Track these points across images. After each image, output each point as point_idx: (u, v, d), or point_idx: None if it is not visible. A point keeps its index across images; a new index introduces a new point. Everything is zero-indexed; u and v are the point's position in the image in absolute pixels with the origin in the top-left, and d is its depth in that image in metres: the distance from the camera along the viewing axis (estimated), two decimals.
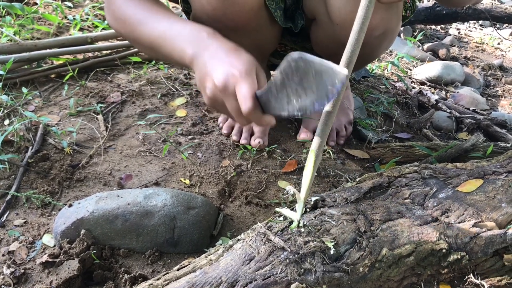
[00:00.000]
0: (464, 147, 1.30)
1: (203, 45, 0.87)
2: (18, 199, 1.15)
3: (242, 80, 0.78)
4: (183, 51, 0.89)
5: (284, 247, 0.77)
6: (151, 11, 0.99)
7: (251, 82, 0.78)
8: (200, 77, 0.85)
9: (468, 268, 0.85)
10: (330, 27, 1.10)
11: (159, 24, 0.96)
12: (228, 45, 0.87)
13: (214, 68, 0.81)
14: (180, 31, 0.92)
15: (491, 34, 3.19)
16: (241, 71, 0.79)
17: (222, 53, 0.84)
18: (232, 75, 0.79)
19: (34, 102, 1.52)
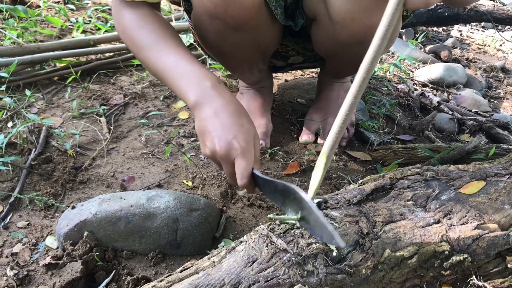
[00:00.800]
0: (466, 149, 1.30)
1: (207, 96, 0.91)
2: (21, 201, 1.15)
3: (242, 156, 0.85)
4: (186, 95, 0.93)
5: (287, 249, 0.77)
6: (161, 37, 1.00)
7: (250, 160, 0.86)
8: (200, 131, 0.91)
9: (470, 270, 0.85)
10: (330, 27, 1.10)
11: (167, 56, 0.98)
12: (233, 106, 0.91)
13: (217, 133, 0.87)
14: (186, 73, 0.94)
15: (493, 36, 3.19)
16: (243, 147, 0.86)
17: (227, 117, 0.89)
18: (234, 149, 0.86)
19: (37, 104, 1.52)
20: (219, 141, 0.86)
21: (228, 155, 0.86)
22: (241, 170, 0.85)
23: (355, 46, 1.14)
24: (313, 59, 1.47)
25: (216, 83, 0.93)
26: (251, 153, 0.86)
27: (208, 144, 0.88)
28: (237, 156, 0.85)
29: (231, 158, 0.86)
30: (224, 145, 0.86)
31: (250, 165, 0.85)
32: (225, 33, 1.12)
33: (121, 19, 1.04)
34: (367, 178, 1.00)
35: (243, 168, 0.85)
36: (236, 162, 0.86)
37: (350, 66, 1.38)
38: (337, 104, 1.46)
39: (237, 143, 0.85)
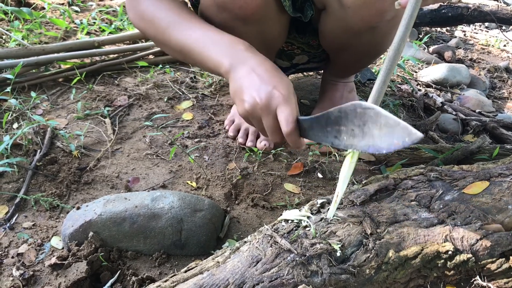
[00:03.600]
0: (470, 149, 1.30)
1: (241, 58, 0.90)
2: (27, 202, 1.16)
3: (285, 103, 0.82)
4: (219, 61, 0.91)
5: (291, 249, 0.77)
6: (183, 15, 1.00)
7: (293, 107, 0.83)
8: (237, 89, 0.88)
9: (474, 270, 0.85)
10: (340, 13, 1.10)
11: (193, 30, 0.97)
12: (268, 63, 0.89)
13: (256, 85, 0.85)
14: (216, 41, 0.94)
15: (497, 36, 3.18)
16: (284, 94, 0.83)
17: (264, 71, 0.87)
18: (275, 96, 0.83)
19: (42, 105, 1.53)
20: (258, 93, 0.84)
21: (270, 105, 0.83)
22: (286, 116, 0.81)
23: (365, 33, 1.15)
24: (318, 59, 1.47)
25: (248, 46, 0.92)
26: (294, 101, 0.84)
27: (247, 98, 0.85)
28: (279, 103, 0.82)
29: (273, 107, 0.83)
30: (264, 95, 0.83)
31: (294, 111, 0.82)
32: (232, 26, 1.12)
33: (138, 6, 1.04)
34: (371, 179, 1.00)
35: (288, 113, 0.81)
36: (279, 109, 0.82)
37: (358, 61, 1.38)
38: (341, 104, 1.46)
39: (278, 92, 0.83)
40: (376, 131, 0.69)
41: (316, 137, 0.82)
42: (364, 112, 0.70)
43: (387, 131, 0.67)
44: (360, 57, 1.33)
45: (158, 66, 1.83)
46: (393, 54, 0.77)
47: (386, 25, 1.13)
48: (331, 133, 0.77)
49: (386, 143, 0.68)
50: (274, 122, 0.84)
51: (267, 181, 1.26)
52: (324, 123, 0.78)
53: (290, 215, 0.86)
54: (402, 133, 0.65)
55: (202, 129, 1.47)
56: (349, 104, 0.72)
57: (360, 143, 0.72)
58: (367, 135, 0.71)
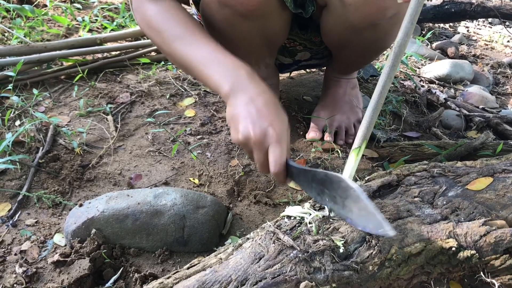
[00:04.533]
0: (473, 145, 1.29)
1: (242, 84, 0.89)
2: (30, 199, 1.16)
3: (277, 144, 0.83)
4: (220, 83, 0.91)
5: (294, 246, 0.77)
6: (190, 30, 1.00)
7: (285, 148, 0.83)
8: (233, 117, 0.88)
9: (478, 267, 0.85)
10: (342, 10, 1.10)
11: (198, 47, 0.97)
12: (268, 95, 0.89)
13: (252, 118, 0.85)
14: (220, 61, 0.94)
15: (501, 32, 3.17)
16: (279, 134, 0.83)
17: (262, 104, 0.87)
18: (269, 135, 0.83)
19: (44, 103, 1.53)
20: (253, 127, 0.84)
21: (263, 142, 0.84)
22: (276, 158, 0.82)
23: (366, 31, 1.14)
24: (320, 55, 1.46)
25: (250, 72, 0.92)
26: (286, 142, 0.84)
27: (242, 129, 0.86)
28: (271, 143, 0.83)
29: (265, 145, 0.84)
30: (259, 131, 0.83)
31: (284, 153, 0.83)
32: (234, 22, 1.11)
33: (145, 12, 1.03)
34: (374, 175, 1.00)
35: (277, 155, 0.82)
36: (270, 149, 0.83)
37: (360, 57, 1.38)
38: (344, 100, 1.46)
39: (272, 130, 0.83)
40: (355, 209, 0.72)
41: (302, 185, 0.86)
42: (347, 189, 0.73)
43: (364, 215, 0.70)
44: (362, 53, 1.33)
45: (160, 63, 1.83)
46: (398, 49, 0.77)
47: (387, 22, 1.12)
48: (315, 189, 0.80)
49: (362, 223, 0.71)
50: (264, 159, 0.85)
51: (269, 178, 1.25)
52: (310, 178, 0.80)
53: (292, 211, 0.86)
54: (377, 224, 0.68)
55: (204, 126, 1.47)
56: (335, 175, 0.74)
57: (340, 211, 0.75)
58: (346, 207, 0.74)
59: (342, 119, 1.43)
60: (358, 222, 0.72)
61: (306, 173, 0.81)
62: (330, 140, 1.37)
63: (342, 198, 0.74)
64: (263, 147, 0.84)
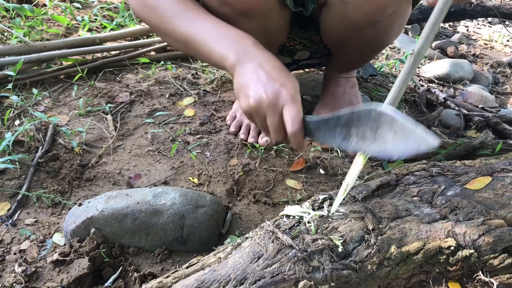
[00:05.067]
0: (472, 144, 1.29)
1: (248, 53, 0.88)
2: (29, 199, 1.16)
3: (292, 102, 0.81)
4: (225, 54, 0.89)
5: (292, 245, 0.77)
6: (189, 5, 0.97)
7: (300, 106, 0.81)
8: (243, 84, 0.86)
9: (477, 266, 0.85)
10: (341, 8, 1.10)
11: (199, 21, 0.95)
12: (276, 61, 0.88)
13: (263, 81, 0.83)
14: (223, 33, 0.92)
15: (500, 31, 3.17)
16: (292, 93, 0.81)
17: (271, 68, 0.85)
18: (283, 95, 0.81)
19: (44, 102, 1.53)
20: (266, 89, 0.82)
21: (277, 102, 0.82)
22: (292, 116, 0.80)
23: (366, 28, 1.14)
24: (319, 54, 1.46)
25: (255, 42, 0.91)
26: (300, 102, 0.82)
27: (253, 93, 0.83)
28: (286, 102, 0.81)
29: (279, 105, 0.82)
30: (272, 92, 0.81)
31: (301, 111, 0.81)
32: (233, 20, 1.11)
33: None
34: (373, 174, 1.00)
35: (294, 112, 0.80)
36: (286, 108, 0.81)
37: (359, 55, 1.38)
38: (343, 99, 1.46)
39: (285, 91, 0.81)
40: (390, 136, 0.68)
41: (322, 138, 0.81)
42: (379, 116, 0.69)
43: (401, 137, 0.66)
44: (361, 51, 1.33)
45: (160, 63, 1.83)
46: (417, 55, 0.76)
47: (387, 19, 1.12)
48: (340, 134, 0.76)
49: (399, 148, 0.67)
50: (279, 121, 0.83)
51: (269, 177, 1.26)
52: (333, 124, 0.77)
53: (291, 211, 0.86)
54: (418, 139, 0.64)
55: (203, 125, 1.47)
56: (364, 107, 0.71)
57: (371, 147, 0.71)
58: (379, 139, 0.70)
59: None
60: (395, 149, 0.67)
61: (328, 121, 0.78)
62: None
63: (373, 131, 0.70)
64: (277, 108, 0.82)
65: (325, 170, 1.29)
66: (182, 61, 1.89)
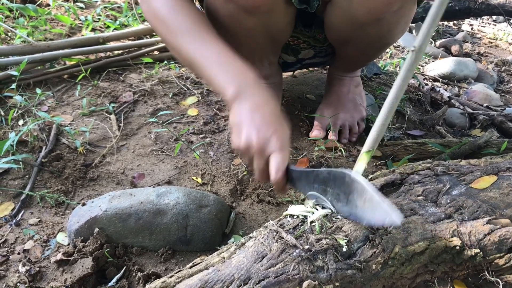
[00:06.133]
0: (477, 143, 1.29)
1: (248, 89, 0.89)
2: (33, 198, 1.16)
3: (279, 152, 0.83)
4: (224, 87, 0.90)
5: (296, 245, 0.77)
6: (198, 25, 0.97)
7: (286, 156, 0.83)
8: (238, 122, 0.87)
9: (482, 266, 0.84)
10: (346, 4, 1.09)
11: (206, 45, 0.95)
12: (273, 103, 0.89)
13: (257, 125, 0.84)
14: (227, 63, 0.92)
15: (505, 29, 3.15)
16: (281, 142, 0.83)
17: (268, 112, 0.87)
18: (272, 143, 0.83)
19: (47, 102, 1.53)
20: (257, 134, 0.83)
21: (265, 150, 0.83)
22: (277, 165, 0.82)
23: (371, 25, 1.13)
24: (323, 53, 1.46)
25: (256, 79, 0.91)
26: (288, 151, 0.85)
27: (245, 135, 0.85)
28: (274, 151, 0.83)
29: (267, 152, 0.83)
30: (262, 139, 0.83)
31: (286, 161, 0.83)
32: (238, 18, 1.11)
33: (152, 2, 1.01)
34: (377, 173, 1.00)
35: (279, 162, 0.82)
36: (273, 156, 0.83)
37: (364, 54, 1.37)
38: (347, 99, 1.45)
39: (275, 139, 0.83)
40: (360, 203, 0.73)
41: (302, 188, 0.86)
42: (351, 183, 0.73)
43: (370, 207, 0.71)
44: (366, 49, 1.32)
45: (163, 62, 1.83)
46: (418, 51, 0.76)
47: (392, 16, 1.12)
48: (317, 190, 0.81)
49: (367, 217, 0.72)
50: (264, 166, 0.85)
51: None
52: (312, 179, 0.82)
53: (295, 210, 0.86)
54: (383, 213, 0.68)
55: (207, 125, 1.47)
56: (339, 170, 0.76)
57: (343, 208, 0.77)
58: (350, 203, 0.75)
59: (345, 118, 1.42)
60: (363, 216, 0.72)
61: (308, 174, 0.82)
62: (334, 139, 1.37)
63: (345, 194, 0.74)
64: (264, 155, 0.84)
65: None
66: None
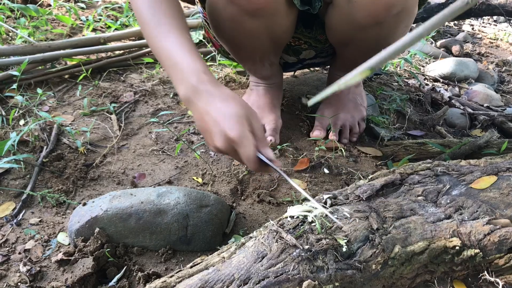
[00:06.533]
0: (477, 144, 1.29)
1: (196, 92, 0.88)
2: (34, 198, 1.16)
3: (240, 145, 0.83)
4: (177, 86, 0.91)
5: (296, 245, 0.77)
6: (166, 16, 0.96)
7: (249, 145, 0.83)
8: (199, 128, 0.91)
9: (482, 266, 0.84)
10: (347, 7, 1.10)
11: (167, 39, 0.93)
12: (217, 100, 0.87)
13: (210, 131, 0.86)
14: (180, 63, 0.91)
15: (506, 29, 3.15)
16: (237, 137, 0.82)
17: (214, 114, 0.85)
18: (231, 141, 0.83)
19: (48, 102, 1.53)
20: (216, 138, 0.85)
21: (230, 148, 0.85)
22: (245, 158, 0.83)
23: (371, 28, 1.14)
24: (325, 53, 1.46)
25: (209, 78, 0.89)
26: (248, 138, 0.83)
27: (210, 142, 0.88)
28: (236, 147, 0.84)
29: (233, 150, 0.85)
30: (222, 141, 0.84)
31: (250, 151, 0.83)
32: (240, 19, 1.11)
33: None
34: (377, 174, 1.00)
35: (246, 156, 0.83)
36: (238, 152, 0.84)
37: (364, 56, 1.37)
38: (348, 99, 1.45)
39: (230, 136, 0.83)
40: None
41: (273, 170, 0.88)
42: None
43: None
44: (366, 51, 1.32)
45: None
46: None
47: (392, 20, 1.12)
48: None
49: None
50: (240, 159, 0.86)
51: (272, 176, 1.25)
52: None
53: (294, 211, 0.86)
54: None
55: None
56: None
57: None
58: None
59: (346, 118, 1.42)
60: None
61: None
62: (335, 139, 1.37)
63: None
64: (233, 151, 0.85)
65: (330, 170, 1.29)
66: None
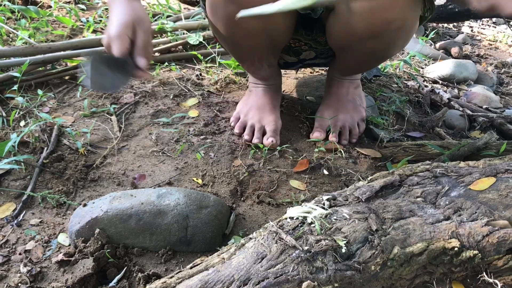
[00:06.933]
0: (477, 145, 1.29)
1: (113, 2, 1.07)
2: (34, 199, 1.17)
3: (112, 43, 1.01)
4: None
5: (296, 246, 0.77)
6: None
7: (119, 44, 1.00)
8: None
9: (481, 267, 0.85)
10: (347, 17, 1.10)
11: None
12: (114, 12, 1.05)
13: (107, 30, 1.05)
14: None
15: (505, 31, 3.16)
16: (114, 35, 1.01)
17: (115, 15, 1.04)
18: (109, 39, 1.02)
19: (49, 103, 1.54)
20: (105, 36, 1.03)
21: (109, 46, 1.02)
22: (115, 52, 1.00)
23: (369, 41, 1.14)
24: (325, 55, 1.47)
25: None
26: (121, 40, 1.00)
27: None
28: (111, 44, 1.01)
29: (110, 46, 1.02)
30: (106, 38, 1.03)
31: (117, 49, 1.00)
32: (239, 19, 1.11)
33: None
34: (377, 175, 1.00)
35: (114, 53, 1.00)
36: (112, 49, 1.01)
37: (361, 63, 1.38)
38: (347, 100, 1.46)
39: (109, 34, 1.01)
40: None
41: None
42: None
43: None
44: (363, 60, 1.33)
45: (164, 64, 1.84)
46: None
47: (390, 34, 1.12)
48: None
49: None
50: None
51: (272, 177, 1.26)
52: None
53: (293, 212, 0.86)
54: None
55: (207, 126, 1.47)
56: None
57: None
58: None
59: (345, 119, 1.43)
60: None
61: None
62: (334, 140, 1.37)
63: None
64: (110, 49, 1.03)
65: (329, 171, 1.30)
66: (186, 62, 1.89)
